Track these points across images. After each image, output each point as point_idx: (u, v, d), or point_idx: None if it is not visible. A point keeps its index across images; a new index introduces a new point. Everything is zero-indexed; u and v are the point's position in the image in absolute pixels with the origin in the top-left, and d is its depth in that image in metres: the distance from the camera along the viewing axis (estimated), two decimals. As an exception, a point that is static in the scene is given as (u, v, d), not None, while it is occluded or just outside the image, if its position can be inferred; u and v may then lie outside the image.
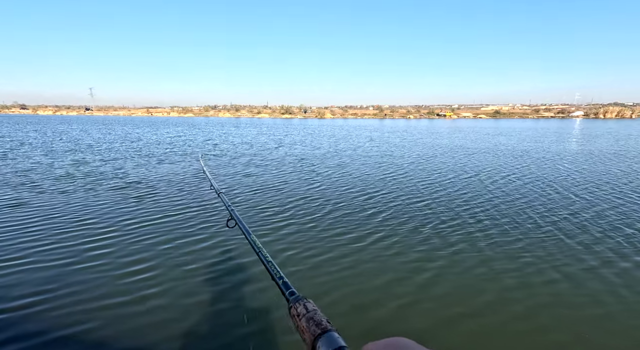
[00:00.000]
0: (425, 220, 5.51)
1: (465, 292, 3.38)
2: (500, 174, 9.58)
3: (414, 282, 3.58)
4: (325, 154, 14.41)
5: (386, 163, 11.67)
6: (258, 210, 6.05)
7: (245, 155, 13.65)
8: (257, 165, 11.18)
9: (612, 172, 9.84)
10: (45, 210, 5.85)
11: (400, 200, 6.70)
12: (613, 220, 5.45)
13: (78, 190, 7.33)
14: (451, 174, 9.60)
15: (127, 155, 13.10)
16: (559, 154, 14.22)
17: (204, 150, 15.34)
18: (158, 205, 6.27)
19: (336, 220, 5.50)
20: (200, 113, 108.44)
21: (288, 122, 56.49)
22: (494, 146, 17.48)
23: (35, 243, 4.43)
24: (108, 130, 28.93)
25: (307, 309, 0.80)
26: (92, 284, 3.46)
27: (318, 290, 3.39)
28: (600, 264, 3.96)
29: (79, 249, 4.26)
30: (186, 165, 11.03)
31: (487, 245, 4.47)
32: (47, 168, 9.95)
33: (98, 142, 18.59)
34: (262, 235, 4.78)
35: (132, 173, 9.41)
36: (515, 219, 5.52)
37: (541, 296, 3.30)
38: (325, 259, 4.08)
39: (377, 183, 8.34)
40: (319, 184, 8.27)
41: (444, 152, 14.82)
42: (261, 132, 29.16)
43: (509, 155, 13.67)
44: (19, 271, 3.69)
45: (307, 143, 19.40)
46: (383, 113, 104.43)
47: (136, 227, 5.09)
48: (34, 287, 3.38)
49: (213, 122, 53.85)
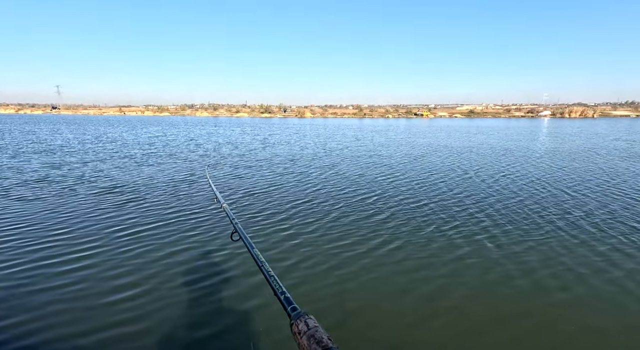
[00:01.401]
0: (425, 221, 5.53)
1: (478, 303, 3.40)
2: (489, 172, 9.84)
3: (420, 293, 3.50)
4: (316, 154, 14.32)
5: (377, 163, 11.73)
6: (253, 214, 5.88)
7: (232, 156, 13.33)
8: (246, 166, 10.93)
9: (598, 169, 10.36)
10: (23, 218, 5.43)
11: (398, 201, 6.72)
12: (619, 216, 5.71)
13: (59, 195, 6.87)
14: (443, 173, 9.76)
15: (122, 163, 12.46)
16: (546, 152, 14.82)
17: (190, 149, 14.87)
18: (155, 213, 5.98)
19: (336, 223, 5.43)
20: (176, 112, 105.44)
21: (268, 121, 55.91)
22: (478, 145, 17.99)
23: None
24: (84, 131, 27.50)
25: (308, 326, 0.81)
26: (86, 290, 3.23)
27: (321, 303, 3.26)
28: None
29: (67, 252, 3.98)
30: (187, 172, 10.62)
31: (496, 248, 4.54)
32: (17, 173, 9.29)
33: (83, 145, 17.59)
34: (261, 243, 4.64)
35: (117, 177, 8.95)
36: (516, 218, 5.66)
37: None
38: (328, 266, 3.97)
39: (372, 184, 8.34)
40: (314, 186, 8.18)
41: (431, 152, 15.10)
42: (244, 132, 28.66)
43: (494, 154, 14.10)
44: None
45: (294, 143, 19.23)
46: (362, 112, 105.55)
47: (125, 236, 4.82)
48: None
49: (191, 122, 52.41)
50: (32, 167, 10.00)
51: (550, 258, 4.14)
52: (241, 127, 35.95)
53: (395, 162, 11.78)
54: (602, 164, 11.33)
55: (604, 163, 11.60)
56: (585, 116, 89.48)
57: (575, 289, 3.46)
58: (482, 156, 13.54)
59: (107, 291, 3.36)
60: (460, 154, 14.28)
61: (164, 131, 28.34)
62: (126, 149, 15.37)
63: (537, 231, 5.03)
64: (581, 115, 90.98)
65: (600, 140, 20.35)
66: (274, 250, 4.35)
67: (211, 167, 8.78)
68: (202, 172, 8.67)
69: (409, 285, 3.55)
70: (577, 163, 11.59)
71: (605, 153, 14.31)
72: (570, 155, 13.57)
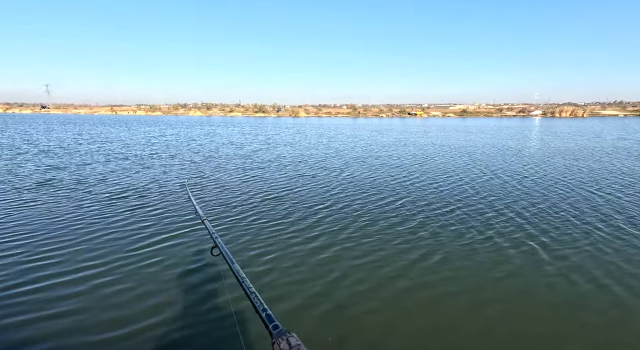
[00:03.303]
0: (464, 228, 5.35)
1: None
2: (507, 173, 9.73)
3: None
4: (326, 156, 14.07)
5: (391, 165, 11.55)
6: (266, 220, 5.63)
7: (238, 157, 13.00)
8: (252, 167, 10.63)
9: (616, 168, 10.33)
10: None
11: (425, 206, 6.53)
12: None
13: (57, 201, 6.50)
14: (461, 174, 9.62)
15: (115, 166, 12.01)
16: (556, 152, 14.80)
17: (192, 151, 14.47)
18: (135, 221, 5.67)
19: (367, 232, 5.21)
20: (169, 111, 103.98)
21: (263, 121, 55.39)
22: (484, 145, 17.87)
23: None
24: (80, 131, 26.72)
25: (290, 344, 0.80)
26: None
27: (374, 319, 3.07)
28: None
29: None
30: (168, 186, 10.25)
31: (550, 256, 4.37)
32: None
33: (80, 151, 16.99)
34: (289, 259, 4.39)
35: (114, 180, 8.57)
36: (556, 222, 5.51)
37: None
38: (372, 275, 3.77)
39: (393, 187, 8.16)
40: (332, 189, 7.95)
41: (440, 152, 14.97)
42: (244, 132, 28.25)
43: (504, 154, 14.00)
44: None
45: (300, 144, 18.92)
46: (356, 112, 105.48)
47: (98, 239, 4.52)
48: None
49: (186, 121, 51.60)
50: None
51: (610, 263, 3.99)
52: (241, 127, 35.45)
53: (408, 164, 11.62)
54: (618, 164, 11.30)
55: (619, 163, 11.58)
56: (576, 116, 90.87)
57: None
58: (492, 156, 13.46)
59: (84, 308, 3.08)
60: (471, 154, 14.16)
61: (163, 131, 27.74)
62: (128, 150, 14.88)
63: (583, 235, 4.88)
64: (571, 114, 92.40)
65: (605, 140, 20.50)
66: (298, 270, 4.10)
67: (192, 180, 8.11)
68: (182, 182, 7.89)
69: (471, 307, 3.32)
70: (593, 163, 11.53)
71: (613, 152, 14.33)
72: (582, 155, 13.54)
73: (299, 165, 11.24)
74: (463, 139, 22.09)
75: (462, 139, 22.12)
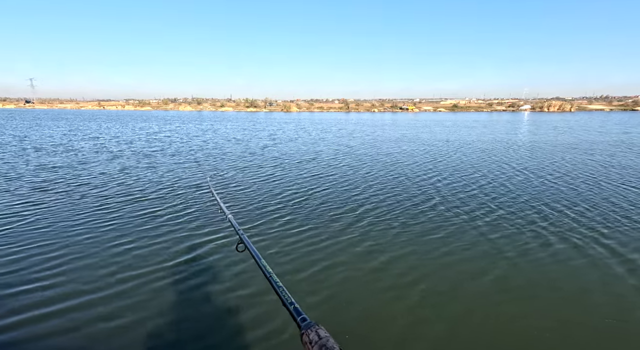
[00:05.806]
0: (516, 230, 5.16)
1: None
2: (535, 170, 9.62)
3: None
4: (337, 152, 13.78)
5: (405, 162, 11.34)
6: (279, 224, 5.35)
7: (248, 154, 12.60)
8: (265, 165, 10.28)
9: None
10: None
11: (461, 207, 6.32)
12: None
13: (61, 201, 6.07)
14: (489, 172, 9.47)
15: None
16: (569, 147, 14.81)
17: (198, 148, 13.97)
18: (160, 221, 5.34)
19: (404, 234, 4.98)
20: (158, 106, 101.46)
21: (256, 116, 54.54)
22: (492, 140, 17.79)
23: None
24: (72, 128, 25.70)
25: (319, 336, 0.81)
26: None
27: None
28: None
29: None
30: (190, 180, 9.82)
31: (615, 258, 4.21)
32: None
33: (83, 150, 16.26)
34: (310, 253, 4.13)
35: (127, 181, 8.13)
36: (611, 221, 5.37)
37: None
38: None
39: (420, 186, 7.94)
40: (355, 189, 7.68)
41: (452, 148, 14.83)
42: (243, 127, 27.65)
43: (519, 149, 13.92)
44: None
45: (305, 140, 18.54)
46: (348, 106, 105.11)
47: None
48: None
49: (179, 117, 50.38)
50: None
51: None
52: (242, 123, 34.73)
53: (427, 160, 11.41)
54: (635, 159, 11.32)
55: (636, 158, 11.62)
56: (564, 110, 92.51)
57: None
58: (507, 151, 13.35)
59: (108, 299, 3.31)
60: (484, 151, 13.98)
61: (160, 128, 26.93)
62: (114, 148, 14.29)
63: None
64: (559, 109, 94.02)
65: (609, 134, 20.70)
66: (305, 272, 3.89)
67: (214, 177, 8.03)
68: (204, 180, 7.88)
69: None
70: (612, 159, 11.51)
71: (625, 147, 14.39)
72: (597, 150, 13.55)
73: (311, 162, 10.93)
74: (469, 134, 22.02)
75: (468, 134, 22.04)
